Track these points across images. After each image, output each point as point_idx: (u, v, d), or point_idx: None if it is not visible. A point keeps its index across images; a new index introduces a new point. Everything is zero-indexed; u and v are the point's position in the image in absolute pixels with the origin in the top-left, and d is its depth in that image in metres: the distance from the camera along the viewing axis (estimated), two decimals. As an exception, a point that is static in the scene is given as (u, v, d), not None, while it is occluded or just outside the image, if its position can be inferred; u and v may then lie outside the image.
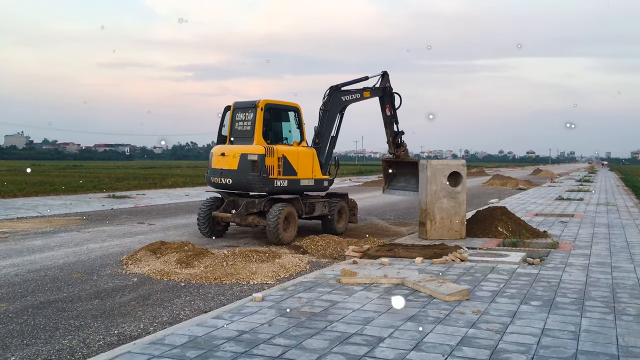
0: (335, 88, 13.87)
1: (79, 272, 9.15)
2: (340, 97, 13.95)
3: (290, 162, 12.55)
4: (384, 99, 14.93)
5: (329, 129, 13.78)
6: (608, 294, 7.20)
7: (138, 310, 7.00)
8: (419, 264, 9.15)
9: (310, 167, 13.02)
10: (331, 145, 13.88)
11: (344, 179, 44.89)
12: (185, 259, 9.38)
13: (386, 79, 14.88)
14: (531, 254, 9.95)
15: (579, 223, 15.29)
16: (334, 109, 13.84)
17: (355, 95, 14.30)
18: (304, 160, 12.87)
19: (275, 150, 12.26)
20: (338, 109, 13.96)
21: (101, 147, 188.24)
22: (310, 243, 11.56)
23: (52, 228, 14.50)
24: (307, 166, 12.95)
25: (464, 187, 12.40)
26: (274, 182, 12.17)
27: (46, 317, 6.68)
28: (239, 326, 5.76)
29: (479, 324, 5.86)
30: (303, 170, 12.85)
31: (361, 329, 5.66)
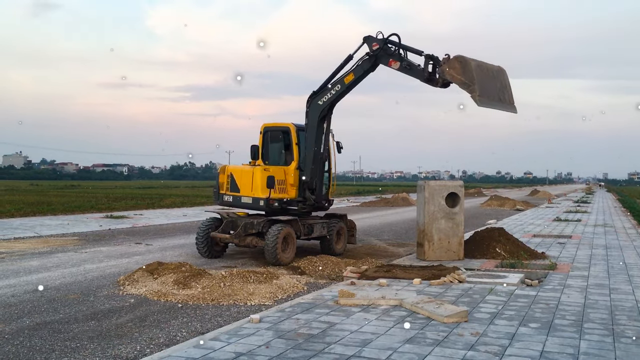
0: (312, 94, 12.87)
1: (76, 293, 9.10)
2: (317, 102, 12.77)
3: (235, 180, 13.23)
4: (382, 59, 12.21)
5: (310, 143, 12.89)
6: (607, 316, 7.18)
7: (135, 331, 6.95)
8: (417, 285, 9.12)
9: (249, 185, 12.96)
10: (317, 161, 12.94)
11: (342, 199, 44.89)
12: (183, 279, 9.35)
13: (371, 40, 12.27)
14: (529, 276, 9.93)
15: (577, 244, 15.28)
16: (313, 119, 12.80)
17: (333, 90, 12.59)
18: (245, 179, 13.07)
19: (225, 168, 13.69)
20: (317, 117, 12.76)
21: (99, 167, 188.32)
22: (308, 264, 11.54)
23: (49, 248, 14.45)
24: (247, 185, 13.03)
25: (462, 208, 12.42)
26: (222, 196, 13.47)
27: (42, 338, 6.63)
28: (237, 348, 5.73)
29: (478, 346, 5.84)
30: (244, 188, 13.07)
31: (359, 351, 5.63)
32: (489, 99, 11.16)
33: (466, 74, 10.93)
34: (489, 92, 11.17)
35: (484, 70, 11.29)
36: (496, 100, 11.37)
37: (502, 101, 11.50)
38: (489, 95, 11.15)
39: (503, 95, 11.55)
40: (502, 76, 11.70)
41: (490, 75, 11.44)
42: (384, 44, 12.08)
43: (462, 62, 11.07)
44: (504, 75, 11.80)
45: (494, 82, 11.41)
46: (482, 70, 11.21)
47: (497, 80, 11.52)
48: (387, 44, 12.10)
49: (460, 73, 11.02)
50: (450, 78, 11.22)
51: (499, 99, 11.41)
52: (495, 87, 11.40)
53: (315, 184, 13.03)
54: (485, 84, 11.14)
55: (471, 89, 10.89)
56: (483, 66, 11.34)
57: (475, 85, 10.83)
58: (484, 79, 11.13)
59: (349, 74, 12.39)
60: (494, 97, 11.32)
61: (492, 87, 11.29)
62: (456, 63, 11.09)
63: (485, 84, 11.13)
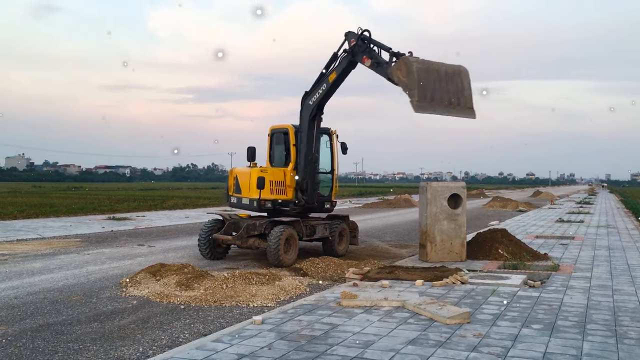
0: (305, 94, 12.85)
1: (78, 295, 9.12)
2: (308, 102, 12.74)
3: (239, 181, 13.41)
4: (357, 56, 11.94)
5: (303, 145, 12.90)
6: (609, 317, 7.17)
7: (137, 333, 6.96)
8: (420, 286, 9.12)
9: (247, 187, 13.10)
10: (308, 162, 12.86)
11: (344, 201, 44.87)
12: (185, 281, 9.35)
13: (350, 36, 12.07)
14: (532, 277, 9.92)
15: (580, 245, 15.26)
16: (304, 119, 12.81)
17: (320, 89, 12.55)
18: (245, 181, 13.24)
19: (232, 171, 13.87)
20: (307, 117, 12.73)
21: (101, 168, 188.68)
22: (311, 265, 11.54)
23: (52, 250, 14.48)
24: (246, 186, 13.16)
25: (464, 209, 12.41)
26: (230, 198, 13.76)
27: (45, 340, 6.64)
28: (239, 349, 5.73)
29: (480, 347, 5.83)
30: (244, 190, 13.23)
31: (362, 353, 5.62)
32: (433, 104, 10.59)
33: (409, 77, 10.46)
34: (434, 96, 10.61)
35: (432, 73, 10.68)
36: (444, 105, 10.76)
37: (452, 106, 10.84)
38: (433, 101, 10.58)
39: (458, 100, 10.87)
40: (459, 79, 10.94)
41: (441, 78, 10.75)
42: (358, 40, 11.88)
43: (407, 64, 10.56)
44: (462, 78, 10.99)
45: (445, 86, 10.79)
46: (429, 73, 10.64)
47: (451, 84, 10.83)
48: (361, 40, 11.87)
49: (405, 75, 10.57)
50: (396, 79, 10.90)
51: (448, 104, 10.79)
52: (447, 91, 10.78)
53: (305, 184, 12.96)
54: (431, 89, 10.59)
55: (410, 93, 10.44)
56: (433, 69, 10.72)
57: (414, 90, 10.36)
58: (430, 83, 10.59)
59: (332, 72, 12.33)
60: (442, 102, 10.72)
61: (441, 91, 10.70)
62: (402, 65, 10.69)
63: (430, 88, 10.58)
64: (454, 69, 10.92)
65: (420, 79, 10.44)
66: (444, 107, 10.79)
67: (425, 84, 10.54)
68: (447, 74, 10.77)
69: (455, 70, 10.91)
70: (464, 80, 10.94)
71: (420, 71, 10.54)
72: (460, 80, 10.88)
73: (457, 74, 10.90)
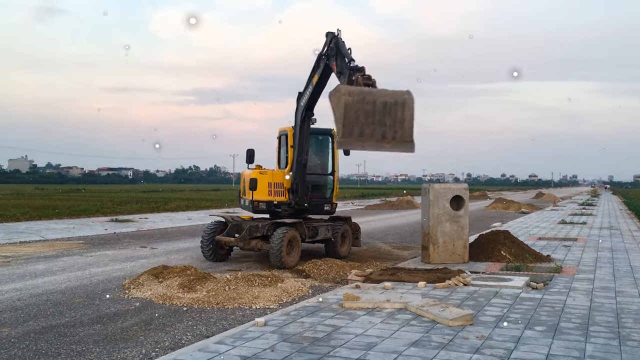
0: (299, 95, 12.80)
1: (81, 297, 9.13)
2: (300, 103, 12.71)
3: (245, 183, 13.64)
4: (330, 61, 11.75)
5: (294, 146, 12.93)
6: (612, 319, 7.16)
7: (140, 335, 6.97)
8: (422, 288, 9.11)
9: (247, 188, 13.33)
10: (298, 163, 12.83)
11: (346, 203, 44.87)
12: (188, 283, 9.36)
13: (327, 39, 11.88)
14: (535, 279, 9.91)
15: (583, 247, 15.23)
16: (297, 121, 12.78)
17: (307, 91, 12.43)
18: (246, 183, 13.41)
19: (242, 173, 14.02)
20: (299, 119, 12.69)
21: (104, 170, 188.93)
22: (313, 267, 11.54)
23: (55, 252, 14.50)
24: (246, 187, 13.37)
25: (467, 211, 12.40)
26: (240, 200, 14.13)
27: (48, 342, 6.65)
28: (242, 351, 5.74)
29: (483, 349, 5.83)
30: (246, 192, 13.47)
31: (364, 355, 5.62)
32: (361, 139, 9.92)
33: (337, 109, 9.85)
34: (364, 131, 9.88)
35: (366, 105, 10.01)
36: (374, 140, 10.04)
37: (386, 140, 10.09)
38: (362, 135, 9.89)
39: (394, 133, 10.07)
40: (399, 110, 10.16)
41: (377, 110, 10.02)
42: (330, 44, 11.74)
43: (337, 96, 9.89)
44: (404, 108, 10.20)
45: (380, 119, 10.01)
46: (362, 105, 9.98)
47: (389, 116, 10.05)
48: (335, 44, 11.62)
49: (335, 105, 9.95)
50: (331, 106, 10.22)
51: (381, 138, 10.04)
52: (382, 124, 10.01)
53: (296, 185, 12.95)
54: (361, 123, 9.91)
55: (337, 127, 9.90)
56: (368, 100, 10.06)
57: (340, 125, 9.75)
58: (361, 117, 9.90)
59: (315, 75, 12.19)
60: (373, 136, 10.00)
61: (374, 125, 9.96)
62: (335, 93, 10.02)
63: (360, 122, 9.90)
64: (396, 98, 10.14)
65: (348, 114, 9.80)
66: (374, 142, 10.02)
67: (355, 119, 9.89)
68: (385, 106, 10.01)
69: (397, 99, 10.14)
70: (406, 111, 10.13)
71: (349, 106, 9.84)
72: (402, 111, 10.08)
73: (399, 105, 10.12)
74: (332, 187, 13.91)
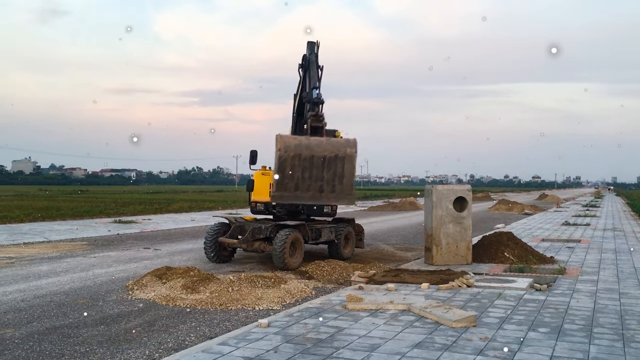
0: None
1: (85, 298, 9.15)
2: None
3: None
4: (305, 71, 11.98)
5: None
6: (616, 321, 7.14)
7: (143, 336, 6.98)
8: (425, 289, 9.11)
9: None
10: None
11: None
12: (191, 284, 9.37)
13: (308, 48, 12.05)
14: (538, 280, 9.89)
15: (586, 249, 15.20)
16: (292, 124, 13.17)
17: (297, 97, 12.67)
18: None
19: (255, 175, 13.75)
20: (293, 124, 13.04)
21: (107, 172, 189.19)
22: (316, 268, 11.54)
23: (58, 253, 14.53)
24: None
25: (470, 212, 12.39)
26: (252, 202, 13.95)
27: (52, 343, 6.67)
28: (245, 352, 5.74)
29: (487, 350, 5.82)
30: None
31: (367, 356, 5.62)
32: (296, 194, 9.82)
33: (274, 159, 9.67)
34: (299, 186, 9.72)
35: (303, 160, 9.80)
36: (311, 194, 9.88)
37: (324, 194, 9.90)
38: (297, 190, 9.75)
39: (333, 187, 9.85)
40: (339, 165, 9.86)
41: (315, 165, 9.80)
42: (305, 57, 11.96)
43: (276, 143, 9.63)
44: (345, 163, 9.91)
45: (318, 173, 9.80)
46: (298, 160, 9.82)
47: (328, 171, 9.78)
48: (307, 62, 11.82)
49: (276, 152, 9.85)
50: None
51: (318, 192, 9.85)
52: (319, 179, 9.76)
53: None
54: (295, 177, 9.74)
55: (273, 178, 9.83)
56: (305, 156, 9.77)
57: (274, 179, 9.72)
58: (297, 171, 9.73)
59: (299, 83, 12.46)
60: (309, 190, 9.85)
61: (311, 179, 9.76)
62: (276, 142, 9.83)
63: (294, 177, 9.75)
64: (337, 152, 9.80)
65: (283, 169, 9.63)
66: (311, 196, 9.88)
67: (291, 174, 9.71)
68: (324, 160, 9.74)
69: (338, 154, 9.82)
70: (347, 165, 9.86)
71: (285, 162, 9.67)
72: (341, 165, 9.82)
73: (339, 159, 9.83)
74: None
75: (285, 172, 9.63)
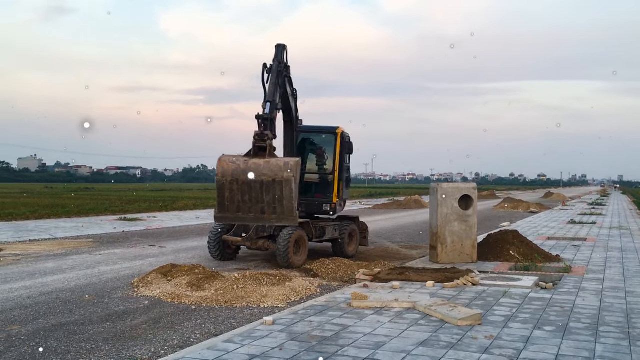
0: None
1: (91, 295, 9.18)
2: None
3: None
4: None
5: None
6: (622, 320, 7.11)
7: (149, 333, 7.00)
8: (431, 287, 9.09)
9: None
10: None
11: (354, 202, 44.81)
12: (196, 282, 9.39)
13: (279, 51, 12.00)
14: (544, 278, 9.86)
15: (592, 247, 15.15)
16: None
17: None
18: None
19: None
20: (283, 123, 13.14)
21: (113, 169, 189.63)
22: (321, 266, 11.54)
23: (64, 251, 14.59)
24: None
25: (475, 211, 12.36)
26: None
27: (58, 340, 6.69)
28: (250, 350, 5.75)
29: (492, 349, 5.81)
30: None
31: (372, 354, 5.62)
32: (238, 216, 9.99)
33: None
34: (240, 207, 9.90)
35: (241, 184, 9.98)
36: (252, 216, 10.05)
37: (265, 215, 10.03)
38: (239, 212, 9.89)
39: (273, 209, 9.97)
40: (278, 188, 9.91)
41: (253, 189, 9.94)
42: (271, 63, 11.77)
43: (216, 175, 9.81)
44: (282, 187, 9.94)
45: (258, 196, 9.96)
46: (237, 184, 9.98)
47: (267, 194, 9.90)
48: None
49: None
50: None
51: (259, 213, 10.03)
52: (259, 201, 9.92)
53: None
54: (235, 200, 9.91)
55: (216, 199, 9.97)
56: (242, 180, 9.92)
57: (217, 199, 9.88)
58: (235, 195, 9.90)
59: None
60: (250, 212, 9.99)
61: (251, 202, 9.97)
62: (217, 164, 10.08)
63: (234, 200, 9.91)
64: (275, 176, 9.94)
65: (222, 193, 9.81)
66: (253, 217, 10.07)
67: (230, 197, 9.90)
68: (262, 185, 9.88)
69: (276, 178, 9.96)
70: (285, 189, 9.95)
71: (223, 186, 9.86)
72: (280, 189, 9.93)
73: (277, 183, 9.95)
74: (332, 187, 13.68)
75: (225, 196, 9.81)
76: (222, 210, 10.01)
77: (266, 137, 10.27)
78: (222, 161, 10.16)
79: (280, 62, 11.72)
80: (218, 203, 9.99)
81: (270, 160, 9.88)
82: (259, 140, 10.27)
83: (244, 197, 9.92)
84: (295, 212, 9.89)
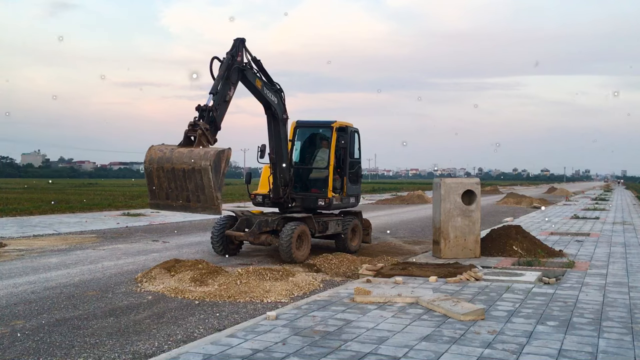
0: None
1: (94, 290, 9.21)
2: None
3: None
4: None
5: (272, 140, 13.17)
6: (625, 315, 7.11)
7: (152, 328, 7.02)
8: (433, 282, 9.10)
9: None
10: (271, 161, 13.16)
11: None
12: (200, 277, 9.41)
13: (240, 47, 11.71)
14: (547, 274, 9.86)
15: (595, 242, 15.12)
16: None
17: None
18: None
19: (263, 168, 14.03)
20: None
21: (116, 165, 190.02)
22: (324, 261, 11.55)
23: (68, 246, 14.63)
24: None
25: (478, 206, 12.35)
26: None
27: (62, 334, 6.72)
28: (253, 345, 5.76)
29: (495, 344, 5.81)
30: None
31: (375, 349, 5.63)
32: (168, 202, 10.29)
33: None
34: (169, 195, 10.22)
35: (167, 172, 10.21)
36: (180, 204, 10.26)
37: (191, 204, 10.21)
38: (168, 199, 10.23)
39: (197, 198, 10.14)
40: (198, 177, 10.12)
41: (176, 177, 10.17)
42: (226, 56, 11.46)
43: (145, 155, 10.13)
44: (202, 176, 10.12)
45: (182, 184, 10.21)
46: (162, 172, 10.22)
47: (190, 182, 10.13)
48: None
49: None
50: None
51: (185, 201, 10.21)
52: (184, 189, 10.20)
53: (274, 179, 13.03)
54: (165, 187, 10.22)
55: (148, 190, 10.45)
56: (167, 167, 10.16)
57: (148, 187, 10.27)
58: (164, 182, 10.20)
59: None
60: (177, 200, 10.23)
61: (177, 190, 10.23)
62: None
63: (163, 187, 10.23)
64: (194, 165, 10.15)
65: (151, 180, 10.19)
66: (181, 205, 10.36)
67: (159, 184, 10.25)
68: (184, 173, 10.14)
69: (195, 167, 10.14)
70: (204, 178, 10.14)
71: (152, 173, 10.20)
72: (199, 178, 10.13)
73: (196, 172, 10.12)
74: (327, 181, 13.38)
75: (153, 183, 10.13)
76: (154, 197, 10.42)
77: (197, 128, 10.35)
78: (150, 150, 10.50)
79: (233, 55, 11.45)
80: (149, 190, 10.34)
81: (194, 150, 10.08)
82: (190, 130, 10.38)
83: (170, 184, 10.23)
84: (217, 201, 10.06)
